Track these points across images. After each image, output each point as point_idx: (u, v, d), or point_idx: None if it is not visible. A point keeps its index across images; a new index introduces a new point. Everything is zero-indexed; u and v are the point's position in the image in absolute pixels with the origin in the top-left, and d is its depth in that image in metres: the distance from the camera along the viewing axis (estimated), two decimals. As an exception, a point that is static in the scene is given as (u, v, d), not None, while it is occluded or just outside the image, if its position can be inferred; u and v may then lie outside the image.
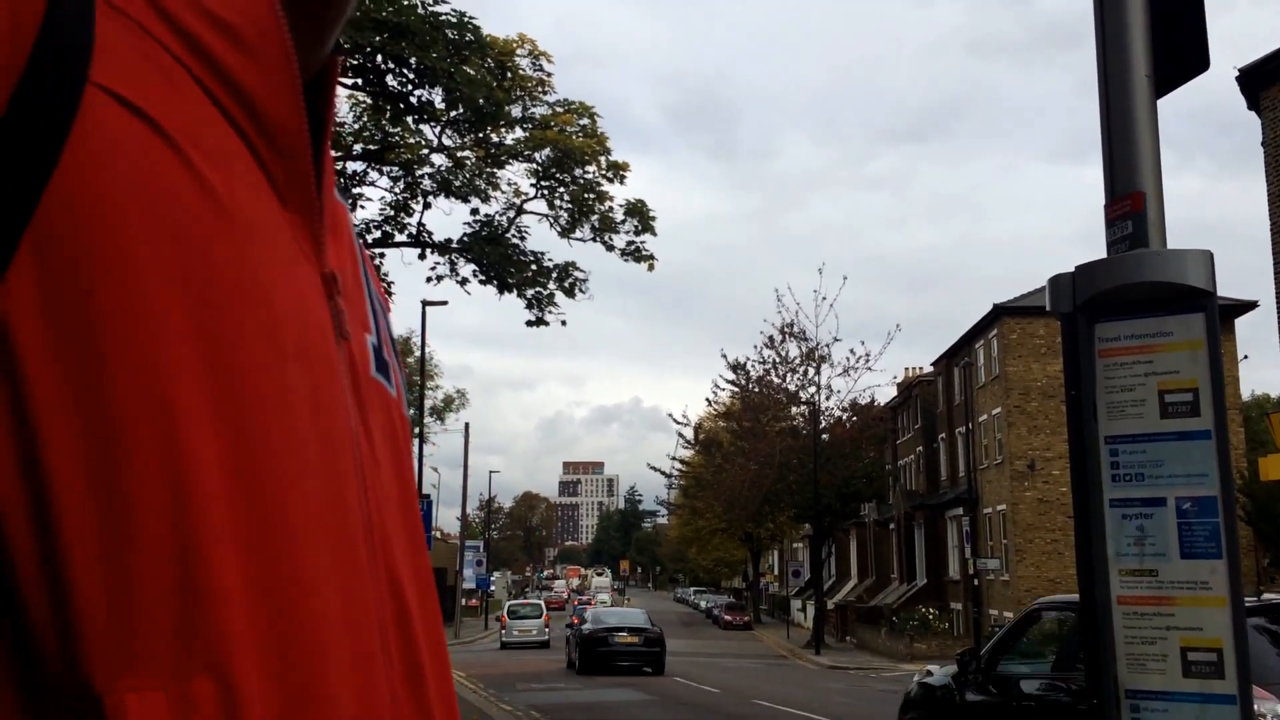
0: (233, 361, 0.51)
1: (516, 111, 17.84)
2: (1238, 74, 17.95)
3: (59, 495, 0.46)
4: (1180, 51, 2.82)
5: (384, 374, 0.66)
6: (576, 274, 18.60)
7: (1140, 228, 2.57)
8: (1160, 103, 2.89)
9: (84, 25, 0.48)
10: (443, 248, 18.36)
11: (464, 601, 52.50)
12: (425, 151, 17.81)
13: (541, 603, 43.88)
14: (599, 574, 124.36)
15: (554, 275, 18.53)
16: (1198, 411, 2.29)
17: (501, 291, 18.35)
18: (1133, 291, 2.41)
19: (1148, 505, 2.30)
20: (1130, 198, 2.62)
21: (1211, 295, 2.37)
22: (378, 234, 18.10)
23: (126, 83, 0.49)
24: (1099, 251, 2.78)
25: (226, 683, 0.48)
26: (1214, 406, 2.28)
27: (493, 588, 66.41)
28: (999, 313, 37.92)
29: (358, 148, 17.39)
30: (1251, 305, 35.03)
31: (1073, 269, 2.63)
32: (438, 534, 58.49)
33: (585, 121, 18.40)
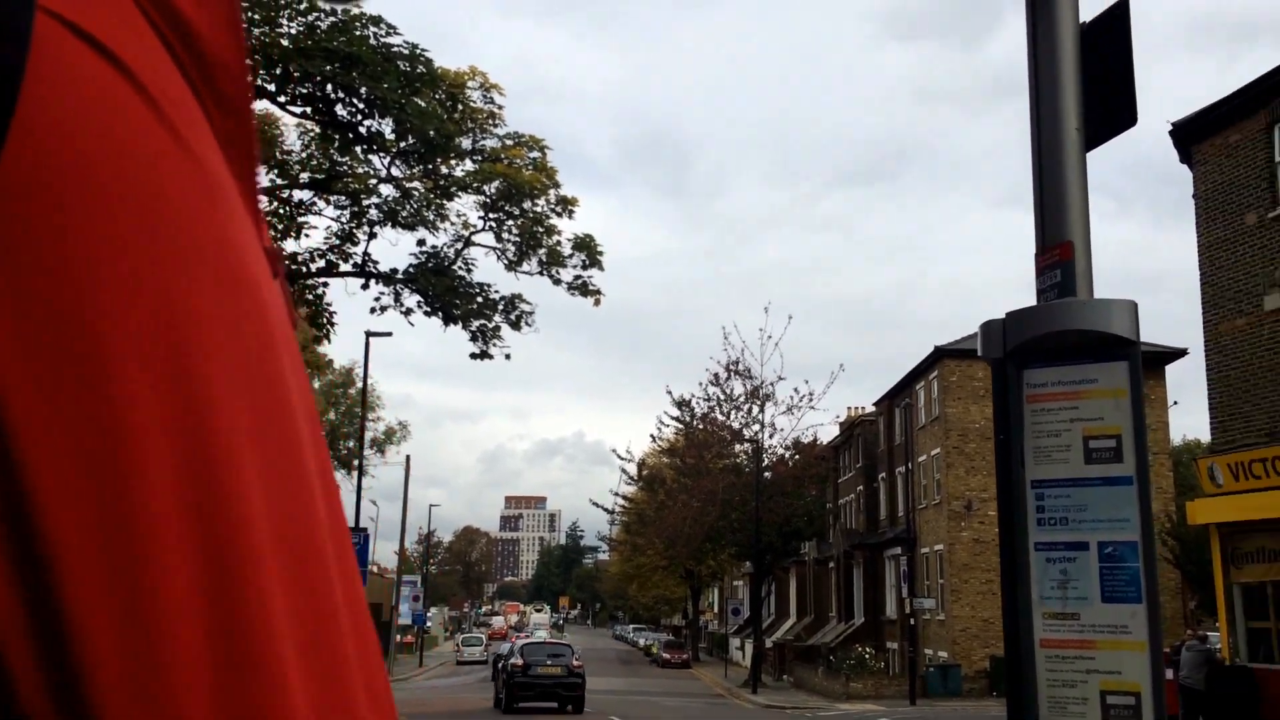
0: (249, 360, 0.42)
1: (466, 144, 17.86)
2: (1171, 128, 18.54)
3: (55, 532, 0.35)
4: (1110, 107, 2.91)
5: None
6: (523, 306, 18.59)
7: (1069, 277, 2.64)
8: (1101, 154, 2.98)
9: None
10: (388, 278, 18.24)
11: (399, 638, 51.63)
12: (373, 181, 17.73)
13: (483, 635, 71.07)
14: (538, 610, 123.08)
15: (500, 308, 18.49)
16: (1120, 458, 2.35)
17: (447, 323, 18.26)
18: (1060, 339, 2.47)
19: (1071, 549, 2.34)
20: (1060, 248, 2.69)
21: (1135, 344, 2.43)
22: (322, 263, 17.94)
23: (80, 11, 0.39)
24: (1034, 298, 2.85)
25: None
26: (1136, 453, 2.34)
27: (429, 624, 65.50)
28: (940, 355, 38.51)
29: (304, 176, 17.26)
30: (1181, 353, 35.97)
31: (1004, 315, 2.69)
32: (374, 569, 57.64)
33: (535, 155, 18.47)
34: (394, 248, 41.02)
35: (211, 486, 0.38)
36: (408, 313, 18.40)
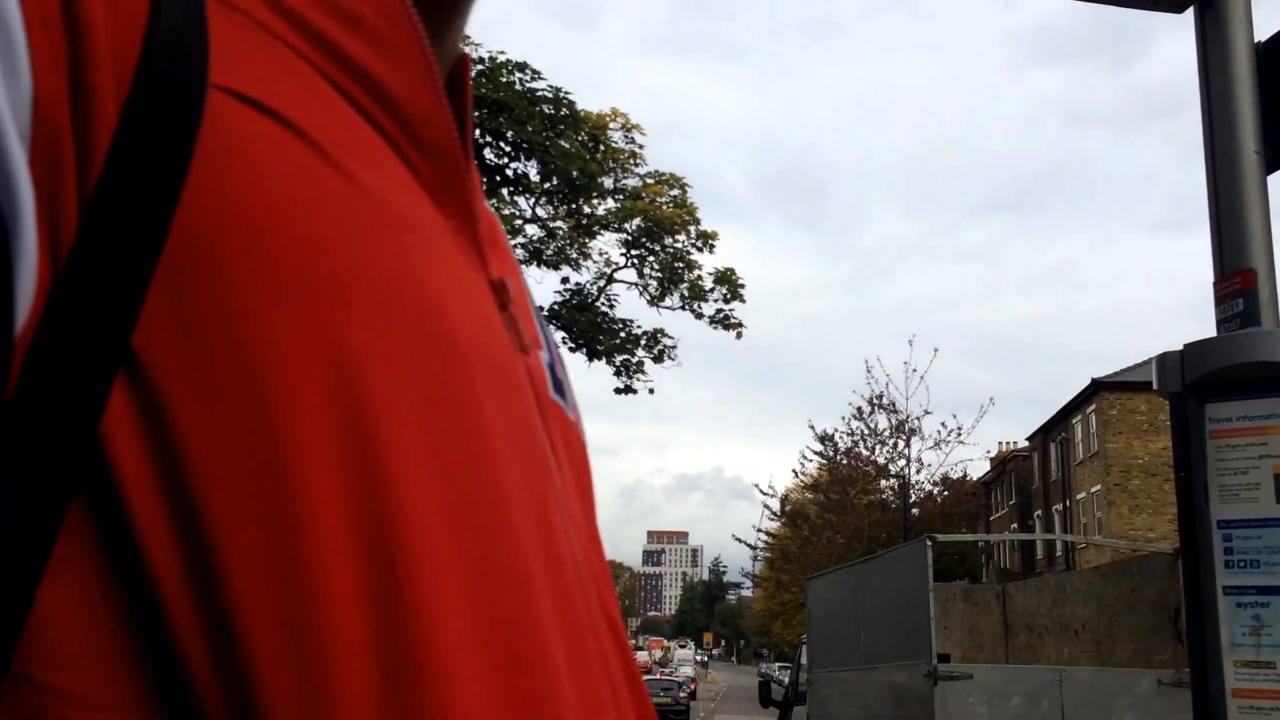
0: (426, 382, 0.43)
1: (608, 183, 18.19)
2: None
3: (228, 564, 0.37)
4: (1290, 128, 2.77)
5: (561, 395, 0.59)
6: (665, 341, 18.73)
7: (1251, 306, 2.52)
8: (1272, 177, 2.84)
9: (195, 21, 0.41)
10: (534, 315, 18.67)
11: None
12: (519, 222, 18.23)
13: None
14: (682, 646, 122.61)
15: (643, 342, 18.68)
16: (1317, 497, 2.21)
17: (591, 359, 18.54)
18: (1245, 372, 2.35)
19: (1264, 594, 2.21)
20: (1240, 275, 2.56)
21: (1329, 377, 2.30)
22: (471, 301, 18.49)
23: (253, 83, 0.43)
24: (1202, 326, 2.72)
25: None
26: (1334, 492, 2.20)
27: (574, 656, 66.20)
28: (1098, 387, 36.92)
29: (454, 218, 17.85)
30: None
31: (1179, 346, 2.57)
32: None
33: (675, 192, 18.67)
34: (539, 285, 42.08)
35: (375, 494, 0.40)
36: (553, 349, 18.77)
